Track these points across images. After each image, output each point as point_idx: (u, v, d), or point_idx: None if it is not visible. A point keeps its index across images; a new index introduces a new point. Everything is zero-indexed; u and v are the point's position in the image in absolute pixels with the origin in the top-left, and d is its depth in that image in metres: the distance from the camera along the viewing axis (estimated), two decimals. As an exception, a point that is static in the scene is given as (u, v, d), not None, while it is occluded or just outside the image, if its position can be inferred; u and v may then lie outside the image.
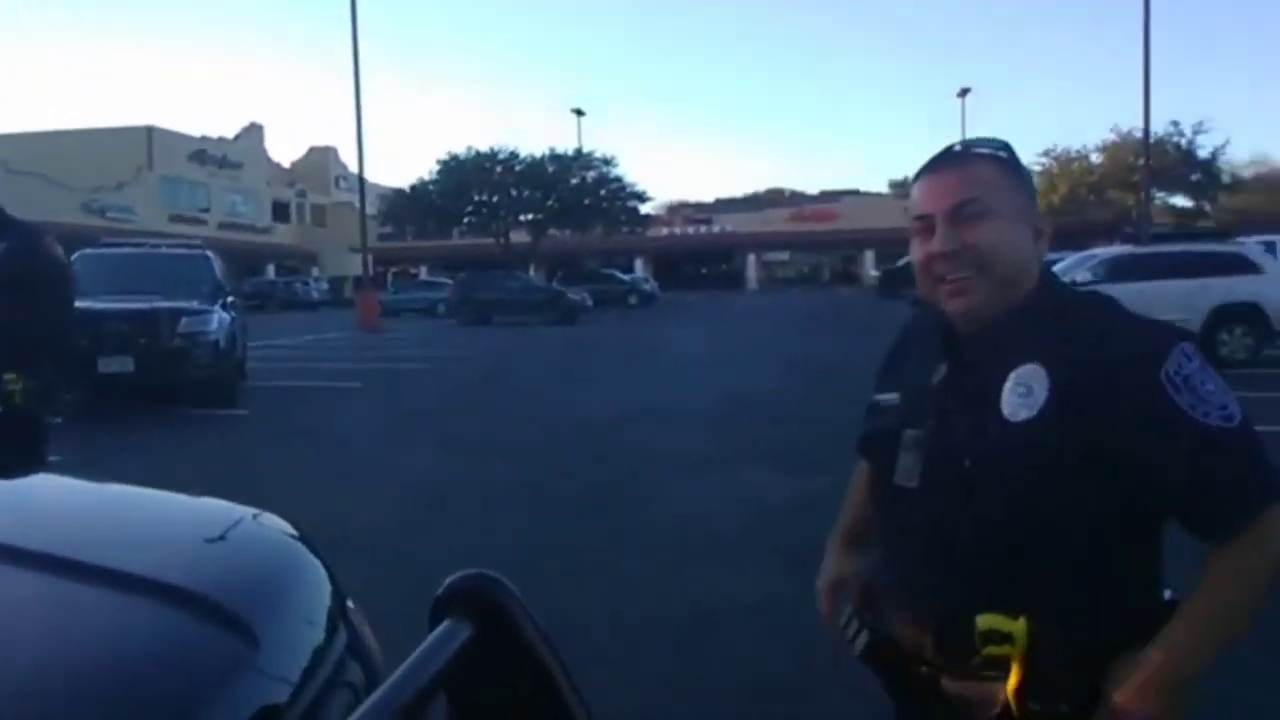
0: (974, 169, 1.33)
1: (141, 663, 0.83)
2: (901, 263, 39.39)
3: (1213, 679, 1.23)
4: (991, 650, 1.21)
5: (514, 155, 46.64)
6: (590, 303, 31.97)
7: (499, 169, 46.34)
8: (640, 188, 47.94)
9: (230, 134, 58.72)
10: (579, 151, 47.83)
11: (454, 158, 46.34)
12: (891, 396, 1.45)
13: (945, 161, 1.37)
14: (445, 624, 0.83)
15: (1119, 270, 12.63)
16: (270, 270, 55.45)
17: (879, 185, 79.72)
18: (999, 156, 1.35)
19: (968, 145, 1.37)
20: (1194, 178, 48.02)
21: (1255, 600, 1.22)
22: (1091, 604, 1.25)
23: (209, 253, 12.22)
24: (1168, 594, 1.32)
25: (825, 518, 1.69)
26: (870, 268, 51.98)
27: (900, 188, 72.85)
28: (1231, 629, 1.22)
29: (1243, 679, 2.36)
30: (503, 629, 0.84)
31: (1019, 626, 1.20)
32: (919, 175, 1.39)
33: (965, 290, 1.31)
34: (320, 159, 66.88)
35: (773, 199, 71.80)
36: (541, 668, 0.85)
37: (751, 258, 63.32)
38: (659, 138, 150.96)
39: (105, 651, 0.84)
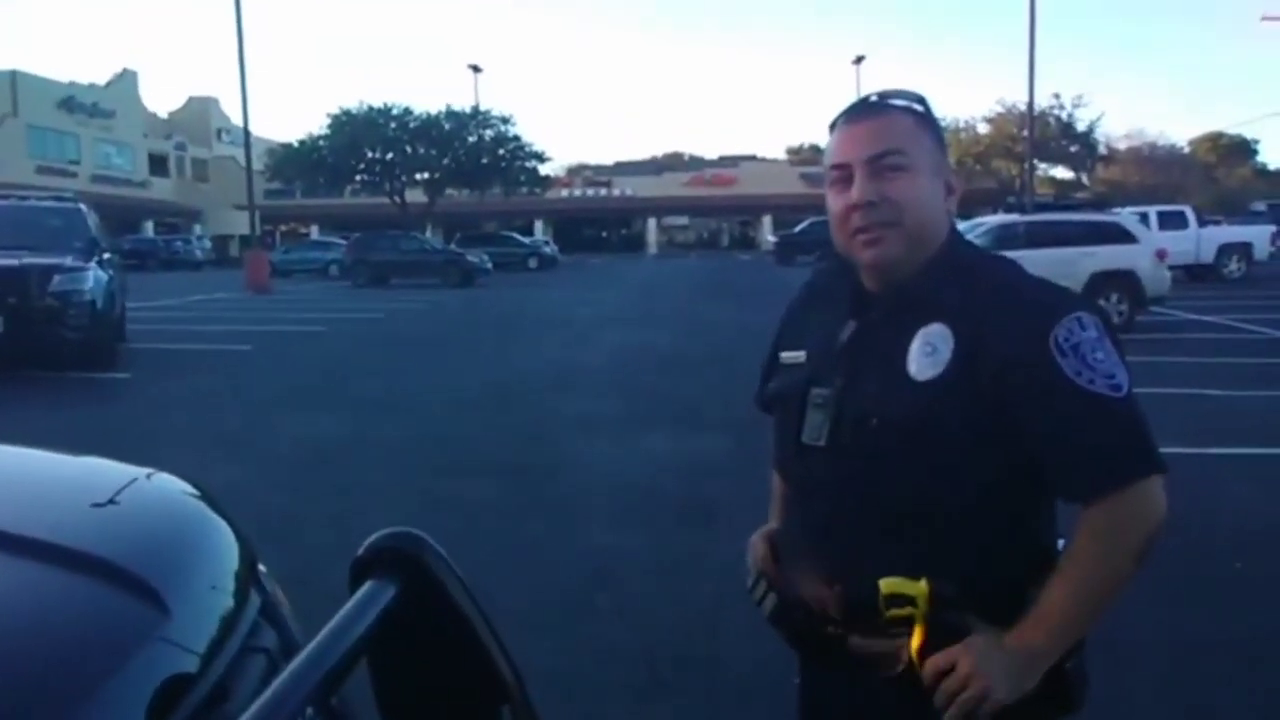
0: (892, 120, 1.34)
1: (41, 634, 0.77)
2: (798, 229, 40.05)
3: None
4: (895, 613, 1.24)
5: (408, 111, 45.28)
6: (489, 265, 31.40)
7: (393, 125, 44.92)
8: (539, 148, 47.25)
9: (102, 81, 55.43)
10: (476, 109, 46.77)
11: (345, 112, 44.68)
12: (797, 354, 1.44)
13: (863, 111, 1.36)
14: (368, 584, 0.80)
15: (1005, 238, 13.09)
16: (149, 227, 52.78)
17: (776, 152, 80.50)
18: (915, 109, 1.36)
19: (884, 96, 1.37)
20: (1073, 149, 50.24)
21: (1113, 580, 1.23)
22: (993, 559, 1.29)
23: (83, 206, 11.53)
24: (1061, 543, 1.34)
25: (721, 477, 1.70)
26: (768, 233, 52.61)
27: (797, 154, 73.87)
28: (1090, 605, 1.24)
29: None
30: (428, 589, 0.82)
31: (920, 589, 1.23)
32: (835, 125, 1.38)
33: (880, 241, 1.31)
34: (201, 110, 63.60)
35: (672, 163, 71.79)
36: (469, 629, 0.83)
37: (652, 222, 63.41)
38: (558, 99, 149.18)
39: (1, 622, 0.78)
